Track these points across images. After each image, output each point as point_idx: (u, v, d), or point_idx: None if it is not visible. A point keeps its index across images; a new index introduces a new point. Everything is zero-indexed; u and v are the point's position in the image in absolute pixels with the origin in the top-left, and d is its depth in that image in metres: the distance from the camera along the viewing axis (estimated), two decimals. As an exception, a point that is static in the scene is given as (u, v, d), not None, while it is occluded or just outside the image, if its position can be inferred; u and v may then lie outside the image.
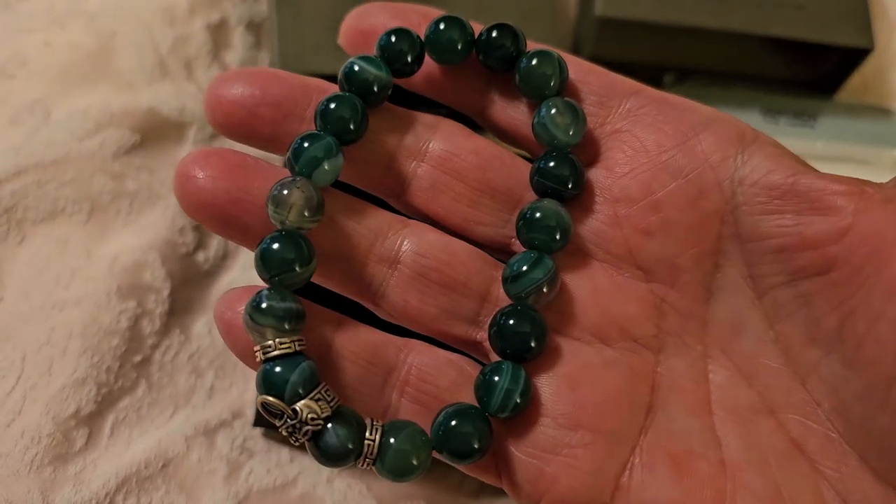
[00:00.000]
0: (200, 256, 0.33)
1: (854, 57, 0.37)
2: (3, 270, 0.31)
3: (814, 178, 0.21)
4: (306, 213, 0.21)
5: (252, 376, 0.32)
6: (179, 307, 0.33)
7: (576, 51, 0.38)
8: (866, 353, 0.20)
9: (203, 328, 0.32)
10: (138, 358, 0.31)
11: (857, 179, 0.21)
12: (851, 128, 0.38)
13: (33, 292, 0.31)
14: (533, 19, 0.35)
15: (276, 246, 0.21)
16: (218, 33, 0.38)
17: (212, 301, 0.33)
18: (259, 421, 0.30)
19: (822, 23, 0.36)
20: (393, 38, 0.23)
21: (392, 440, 0.20)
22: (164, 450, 0.30)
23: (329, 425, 0.20)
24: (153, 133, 0.35)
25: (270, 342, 0.20)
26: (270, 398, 0.20)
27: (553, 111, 0.23)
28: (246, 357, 0.21)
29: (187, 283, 0.33)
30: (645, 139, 0.23)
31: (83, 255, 0.32)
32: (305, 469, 0.30)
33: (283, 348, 0.20)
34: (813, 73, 0.39)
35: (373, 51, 0.23)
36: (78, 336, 0.30)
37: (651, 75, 0.39)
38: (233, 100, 0.22)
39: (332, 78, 0.23)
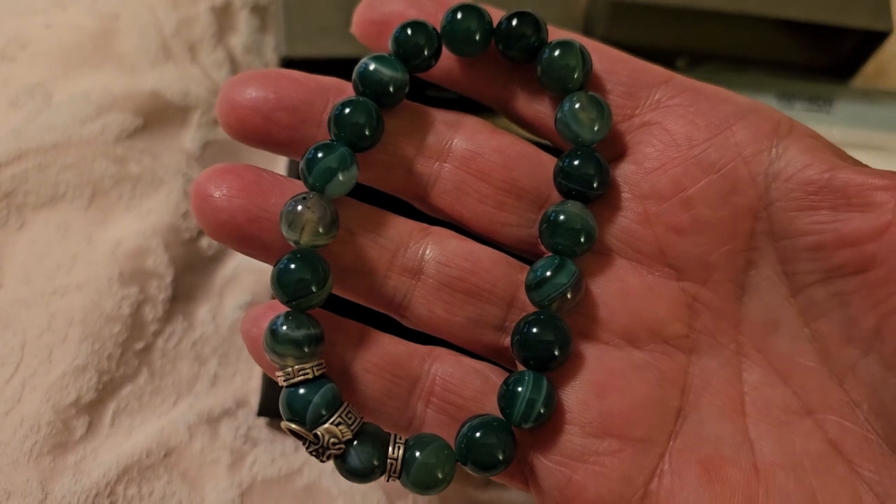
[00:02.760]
0: (204, 242, 0.33)
1: (871, 40, 0.36)
2: (2, 256, 0.31)
3: (852, 173, 0.20)
4: (320, 230, 0.20)
5: (256, 365, 0.31)
6: (182, 293, 0.32)
7: (587, 35, 0.38)
8: None
9: (206, 315, 0.32)
10: (140, 345, 0.30)
11: None
12: (868, 113, 0.37)
13: (33, 278, 0.31)
14: (544, 2, 0.34)
15: (291, 267, 0.20)
16: (223, 16, 0.37)
17: (215, 287, 0.32)
18: (263, 410, 0.30)
19: (838, 5, 0.35)
20: (409, 32, 0.22)
21: (417, 454, 0.20)
22: (166, 438, 0.29)
23: (351, 447, 0.20)
24: (156, 117, 0.34)
25: (290, 369, 0.20)
26: (293, 425, 0.20)
27: (576, 106, 0.22)
28: (273, 372, 0.21)
29: (190, 269, 0.32)
30: (675, 132, 0.22)
31: (84, 240, 0.32)
32: (310, 459, 0.30)
33: (301, 375, 0.20)
34: (829, 57, 0.38)
35: (387, 42, 0.23)
36: (79, 323, 0.30)
37: (664, 60, 0.38)
38: (247, 104, 0.21)
39: (340, 61, 0.23)
